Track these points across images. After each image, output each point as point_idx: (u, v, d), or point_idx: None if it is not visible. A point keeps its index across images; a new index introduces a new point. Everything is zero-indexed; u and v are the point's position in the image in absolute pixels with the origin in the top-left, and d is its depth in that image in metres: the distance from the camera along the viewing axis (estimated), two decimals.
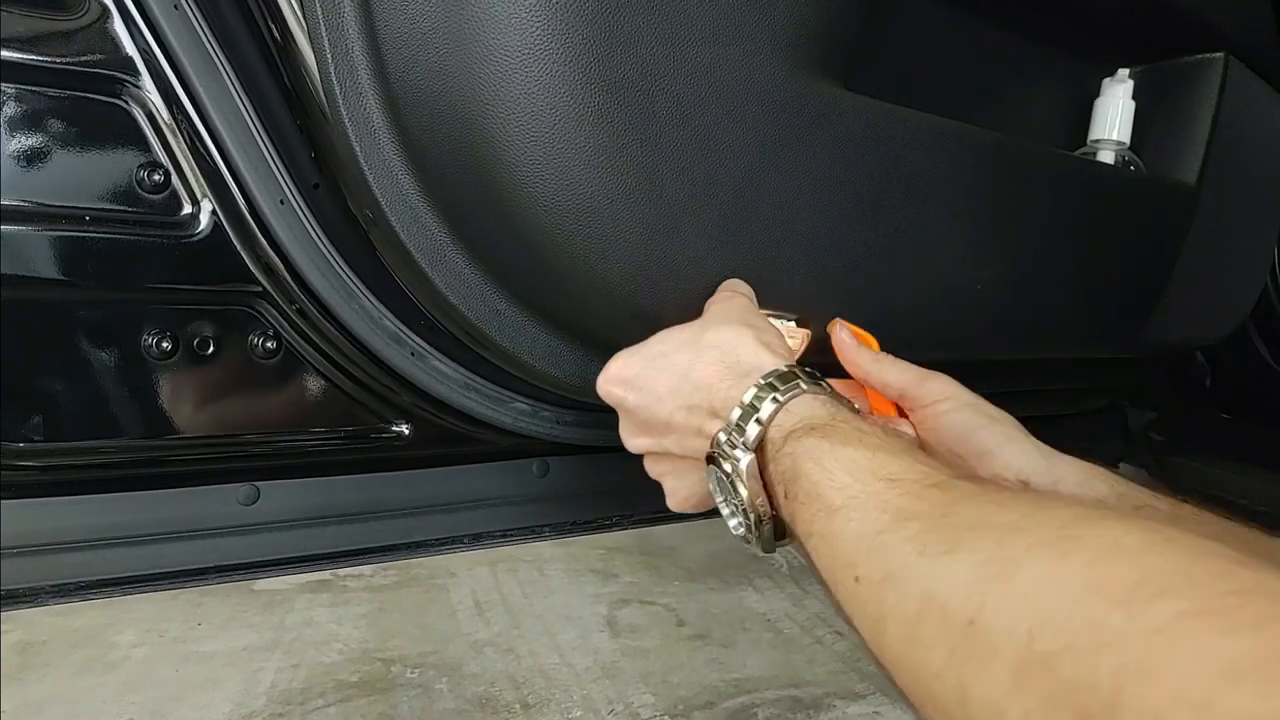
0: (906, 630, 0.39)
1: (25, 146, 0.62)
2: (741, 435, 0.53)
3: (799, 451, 0.50)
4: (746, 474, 0.52)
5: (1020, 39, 0.96)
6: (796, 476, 0.49)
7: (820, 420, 0.51)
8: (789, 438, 0.51)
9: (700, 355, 0.58)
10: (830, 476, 0.47)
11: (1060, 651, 0.32)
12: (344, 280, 0.71)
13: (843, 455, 0.48)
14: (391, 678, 1.89)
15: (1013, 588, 0.35)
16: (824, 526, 0.46)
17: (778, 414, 0.52)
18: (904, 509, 0.43)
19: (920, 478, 0.44)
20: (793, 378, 0.54)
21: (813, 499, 0.47)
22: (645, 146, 0.59)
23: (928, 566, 0.39)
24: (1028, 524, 0.38)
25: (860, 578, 0.43)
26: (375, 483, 0.81)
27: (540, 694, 1.74)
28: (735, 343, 0.58)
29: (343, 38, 0.58)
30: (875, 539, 0.42)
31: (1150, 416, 1.61)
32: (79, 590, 0.70)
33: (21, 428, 0.65)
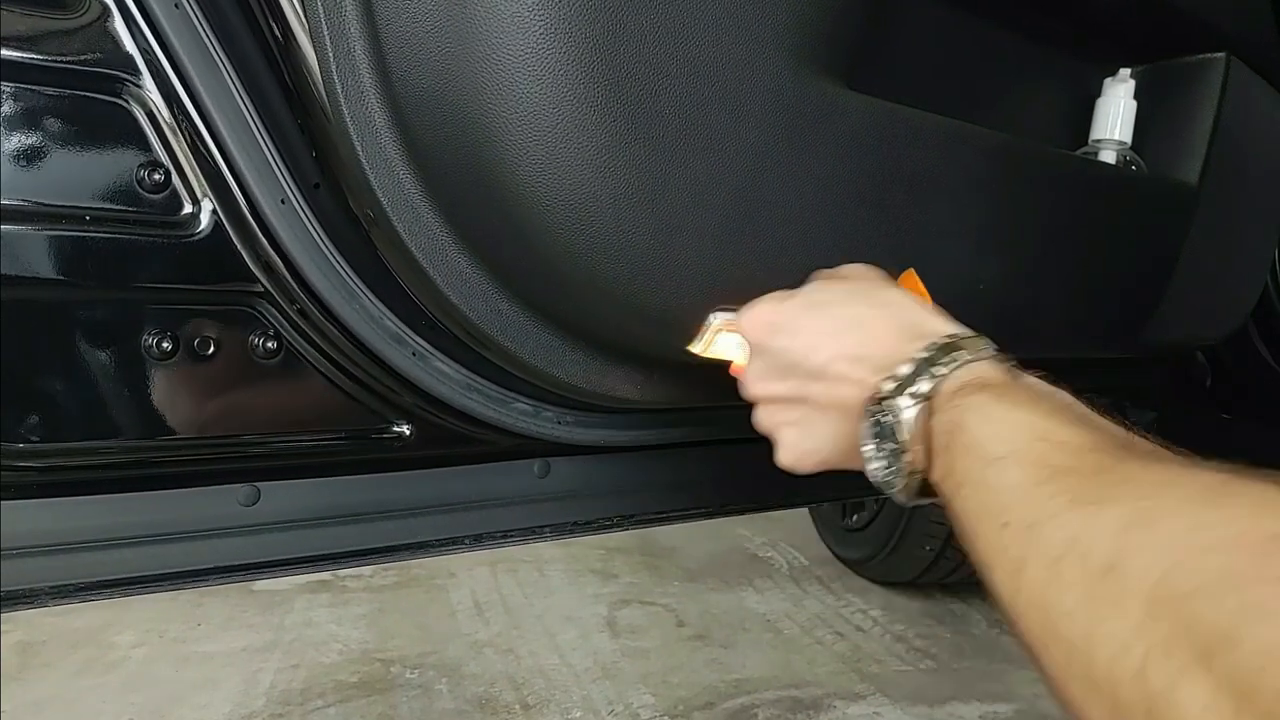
0: (1045, 572, 0.40)
1: (25, 146, 0.62)
2: (912, 387, 0.53)
3: (966, 405, 0.50)
4: (912, 421, 0.52)
5: (1022, 39, 0.96)
6: (961, 428, 0.49)
7: (995, 380, 0.51)
8: (959, 392, 0.51)
9: (874, 310, 0.58)
10: (996, 431, 0.47)
11: (1190, 593, 0.33)
12: (345, 280, 0.71)
13: (1011, 414, 0.48)
14: (391, 678, 1.89)
15: (1155, 535, 0.36)
16: (979, 475, 0.46)
17: (955, 371, 0.53)
18: (1063, 466, 0.43)
19: (1084, 442, 0.44)
20: (976, 342, 0.55)
21: (972, 450, 0.48)
22: (648, 146, 0.59)
23: (1077, 515, 0.40)
24: (1182, 479, 0.39)
25: (1009, 523, 0.43)
26: (376, 483, 0.81)
27: (540, 694, 1.74)
28: (910, 305, 0.59)
29: (344, 36, 0.58)
30: (1030, 490, 0.43)
31: (1150, 416, 1.60)
32: (79, 591, 0.70)
33: (21, 428, 0.64)
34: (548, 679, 1.77)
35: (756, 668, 1.91)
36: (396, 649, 1.89)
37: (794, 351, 0.59)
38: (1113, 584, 0.36)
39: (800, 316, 0.60)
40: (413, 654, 1.86)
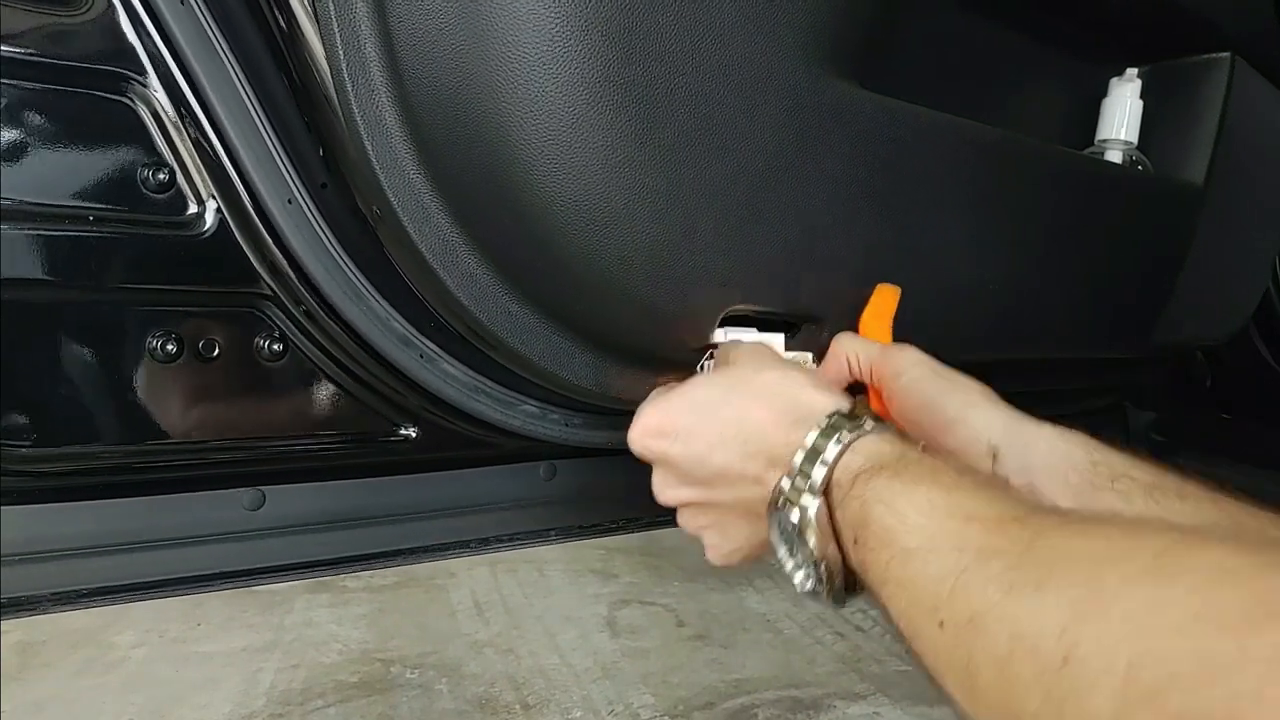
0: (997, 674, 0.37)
1: (28, 145, 0.61)
2: (807, 480, 0.50)
3: (868, 494, 0.48)
4: (815, 522, 0.50)
5: (1029, 39, 0.95)
6: (866, 521, 0.47)
7: (889, 458, 0.49)
8: (857, 480, 0.49)
9: (753, 400, 0.56)
10: (903, 519, 0.45)
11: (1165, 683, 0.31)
12: (352, 281, 0.71)
13: (915, 495, 0.46)
14: (391, 678, 1.88)
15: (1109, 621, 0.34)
16: (900, 572, 0.44)
17: (844, 455, 0.50)
18: (985, 546, 0.41)
19: (999, 513, 0.42)
20: (857, 416, 0.52)
21: (885, 544, 0.45)
22: (662, 146, 0.58)
23: (1015, 606, 0.37)
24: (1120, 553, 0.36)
25: (944, 622, 0.41)
26: (382, 487, 0.80)
27: (540, 694, 1.74)
28: (788, 385, 0.56)
29: (355, 33, 0.58)
30: (957, 580, 0.41)
31: (1151, 416, 1.61)
32: (81, 597, 0.69)
33: (25, 432, 0.64)
34: (548, 679, 1.76)
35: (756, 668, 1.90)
36: (396, 649, 1.87)
37: (690, 458, 0.57)
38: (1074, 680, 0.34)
39: (686, 420, 0.57)
40: (413, 654, 1.85)
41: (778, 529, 0.53)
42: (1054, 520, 0.41)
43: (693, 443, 0.57)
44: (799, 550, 0.52)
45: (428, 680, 1.80)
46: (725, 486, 0.57)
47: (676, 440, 0.57)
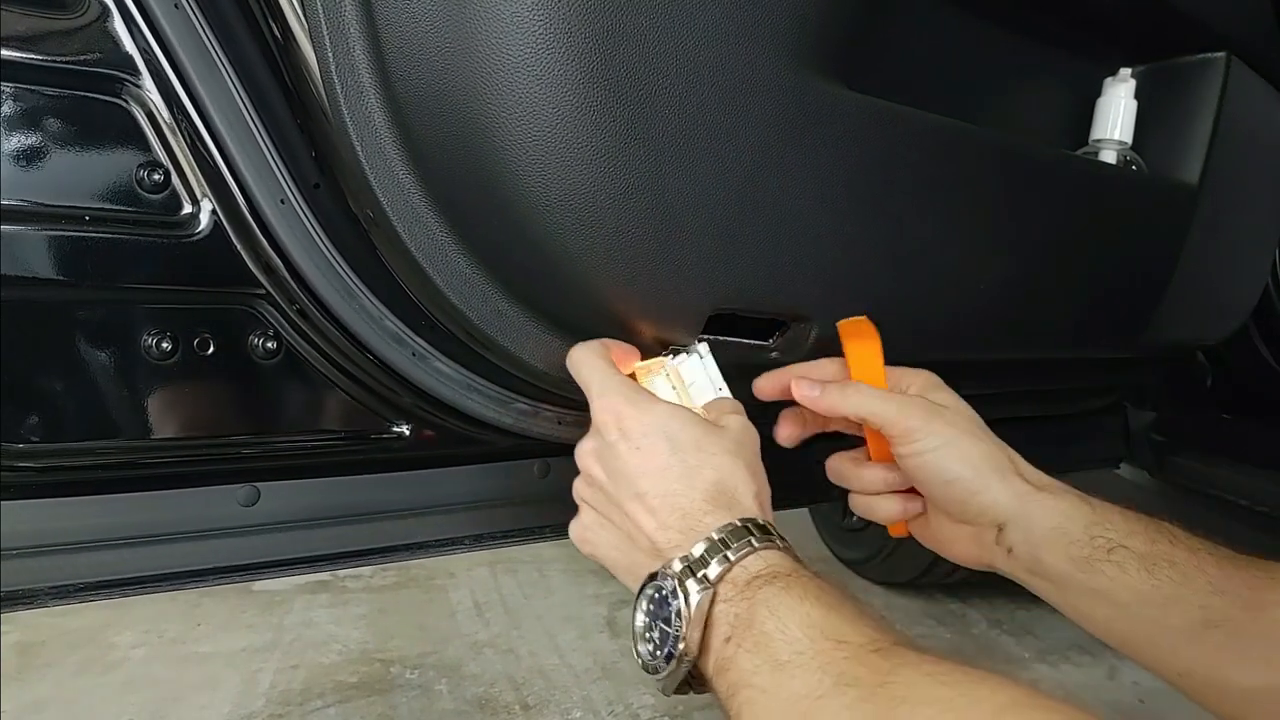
0: None
1: (25, 146, 0.62)
2: (703, 568, 0.52)
3: (758, 598, 0.50)
4: (695, 609, 0.51)
5: (1021, 38, 0.96)
6: (750, 624, 0.49)
7: (784, 570, 0.52)
8: (751, 583, 0.51)
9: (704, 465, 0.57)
10: (784, 629, 0.48)
11: None
12: (345, 280, 0.71)
13: (799, 609, 0.48)
14: (391, 678, 1.89)
15: None
16: (765, 680, 0.47)
17: (747, 557, 0.52)
18: (845, 674, 0.44)
19: (866, 641, 0.46)
20: (770, 533, 0.55)
21: (760, 649, 0.48)
22: (647, 146, 0.59)
23: None
24: (962, 703, 0.40)
25: None
26: (376, 483, 0.81)
27: (540, 694, 1.74)
28: (737, 477, 0.58)
29: (344, 36, 0.58)
30: (813, 703, 0.44)
31: (1151, 416, 1.61)
32: (78, 592, 0.70)
33: (21, 428, 0.64)
34: (548, 679, 1.77)
35: None
36: (396, 649, 1.89)
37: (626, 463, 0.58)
38: None
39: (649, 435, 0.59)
40: (412, 654, 1.86)
41: (649, 598, 0.54)
42: (912, 658, 0.44)
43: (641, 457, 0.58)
44: (660, 627, 0.53)
45: (428, 680, 1.80)
46: (635, 506, 0.58)
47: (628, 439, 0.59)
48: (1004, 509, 0.64)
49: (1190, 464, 1.55)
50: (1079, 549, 0.61)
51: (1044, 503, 0.63)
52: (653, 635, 0.53)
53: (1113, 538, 0.61)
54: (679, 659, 0.51)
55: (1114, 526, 0.62)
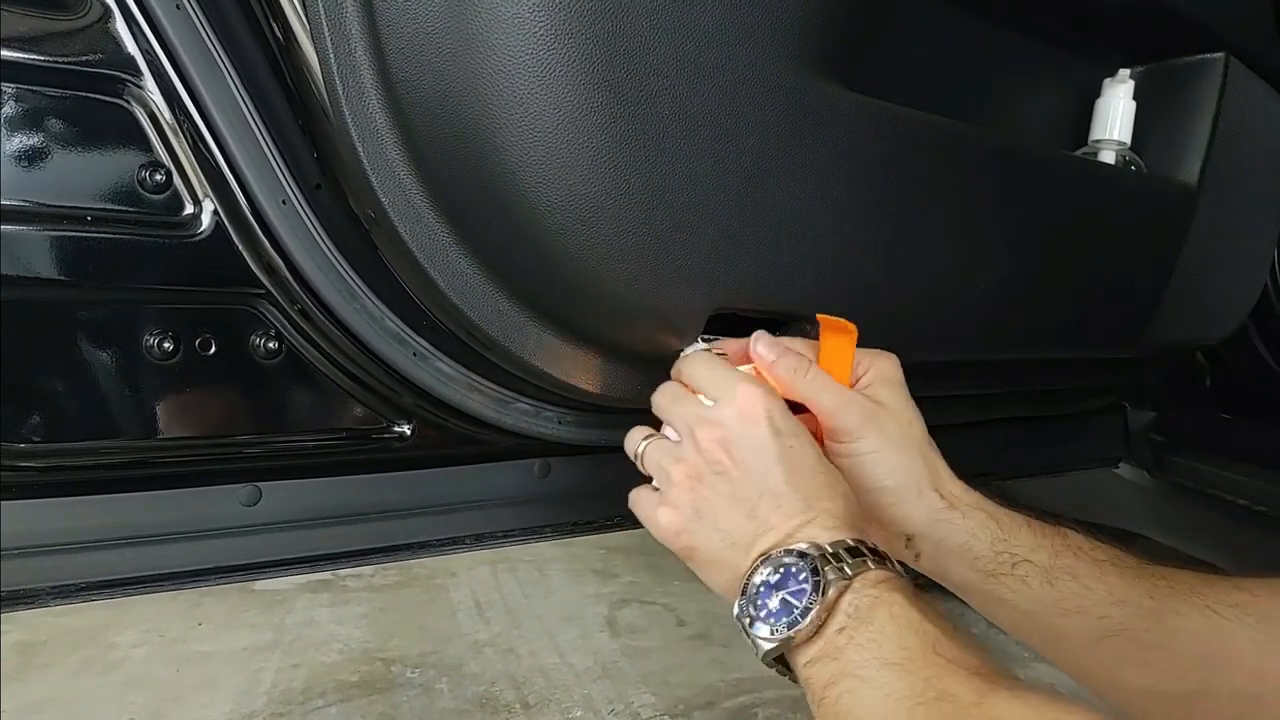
0: None
1: (26, 146, 0.62)
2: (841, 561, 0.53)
3: (884, 599, 0.52)
4: (832, 591, 0.52)
5: (1021, 39, 0.96)
6: (870, 619, 0.51)
7: (909, 588, 0.53)
8: (881, 584, 0.53)
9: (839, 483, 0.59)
10: (901, 634, 0.49)
11: None
12: (346, 281, 0.71)
13: (918, 623, 0.50)
14: (392, 678, 1.89)
15: None
16: (872, 674, 0.48)
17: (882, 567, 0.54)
18: (947, 689, 0.46)
19: (973, 665, 0.48)
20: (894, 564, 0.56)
21: (874, 645, 0.49)
22: (648, 147, 0.59)
23: None
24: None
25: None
26: (377, 483, 0.81)
27: (540, 694, 1.74)
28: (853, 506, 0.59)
29: (345, 38, 0.58)
30: (913, 706, 0.46)
31: (1150, 416, 1.61)
32: (79, 591, 0.70)
33: (22, 428, 0.64)
34: (548, 678, 1.77)
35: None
36: (397, 649, 1.89)
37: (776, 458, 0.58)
38: None
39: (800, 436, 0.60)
40: (413, 653, 1.86)
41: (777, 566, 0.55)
42: (1011, 686, 0.46)
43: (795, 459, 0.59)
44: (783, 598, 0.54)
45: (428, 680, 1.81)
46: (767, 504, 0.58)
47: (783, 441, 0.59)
48: (915, 524, 0.66)
49: (1190, 464, 1.55)
50: (984, 564, 0.65)
51: (953, 522, 0.66)
52: (768, 603, 0.54)
53: (1017, 553, 0.64)
54: (798, 631, 0.52)
55: (1020, 542, 0.65)
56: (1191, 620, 0.60)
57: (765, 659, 0.54)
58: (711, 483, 0.60)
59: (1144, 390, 1.60)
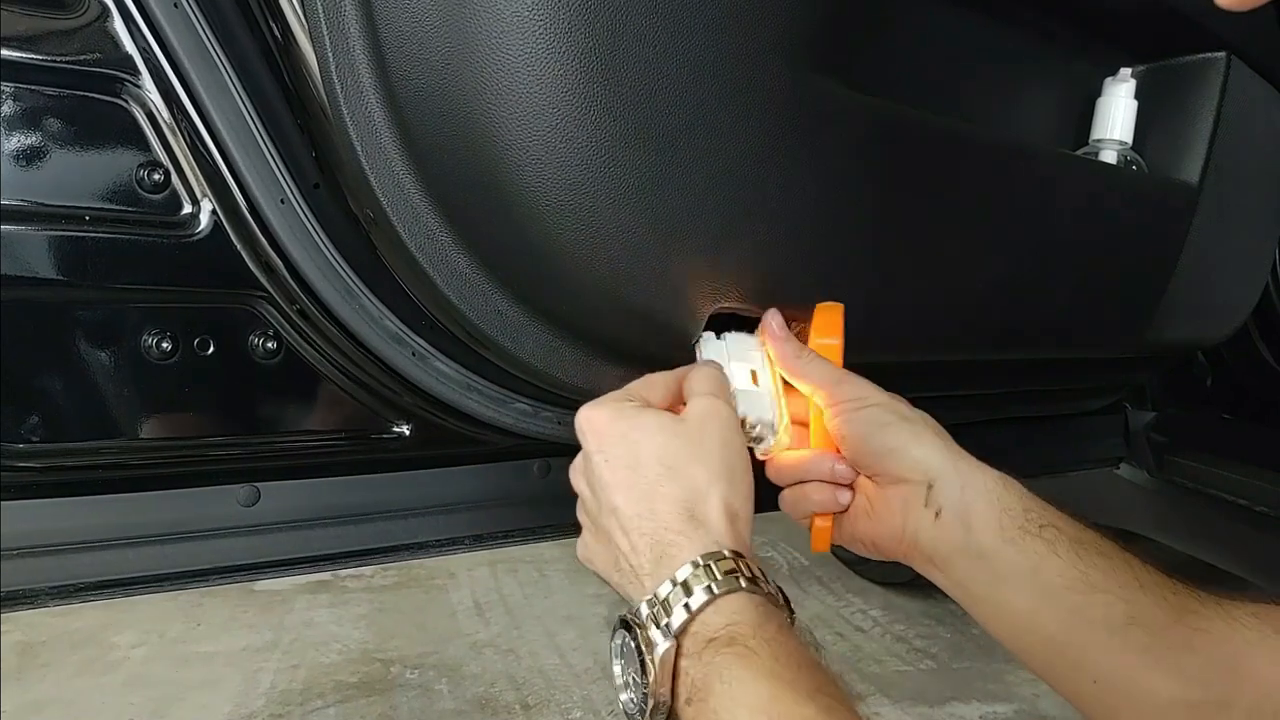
0: None
1: (24, 146, 0.62)
2: (667, 616, 0.52)
3: (714, 664, 0.50)
4: (660, 661, 0.51)
5: (1022, 38, 0.96)
6: (706, 694, 0.49)
7: (745, 629, 0.51)
8: (710, 644, 0.51)
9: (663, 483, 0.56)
10: (733, 707, 0.48)
11: None
12: (345, 280, 0.71)
13: (751, 687, 0.48)
14: (391, 678, 1.89)
15: None
16: None
17: (707, 608, 0.52)
18: None
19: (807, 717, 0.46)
20: (734, 569, 0.53)
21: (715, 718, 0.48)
22: (647, 146, 0.59)
23: None
24: None
25: None
26: (376, 483, 0.81)
27: (540, 694, 1.74)
28: (700, 488, 0.57)
29: (344, 36, 0.58)
30: None
31: (1150, 416, 1.61)
32: (79, 591, 0.70)
33: (21, 428, 0.64)
34: (548, 679, 1.77)
35: None
36: (396, 649, 1.89)
37: (599, 476, 0.58)
38: None
39: (615, 444, 0.58)
40: (413, 654, 1.86)
41: (621, 643, 0.54)
42: None
43: (614, 470, 0.58)
44: (631, 673, 0.53)
45: (428, 680, 1.81)
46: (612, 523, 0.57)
47: (604, 453, 0.59)
48: (936, 466, 0.62)
49: (1190, 464, 1.55)
50: (1011, 518, 0.60)
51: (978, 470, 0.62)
52: (630, 679, 0.53)
53: (1045, 518, 0.60)
54: (652, 712, 0.51)
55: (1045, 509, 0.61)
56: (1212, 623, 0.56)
57: None
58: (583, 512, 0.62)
59: (1144, 390, 1.60)
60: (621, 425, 0.59)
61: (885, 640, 2.11)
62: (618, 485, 0.57)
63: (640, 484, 0.56)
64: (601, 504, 0.58)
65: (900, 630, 2.17)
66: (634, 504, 0.56)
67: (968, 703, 1.84)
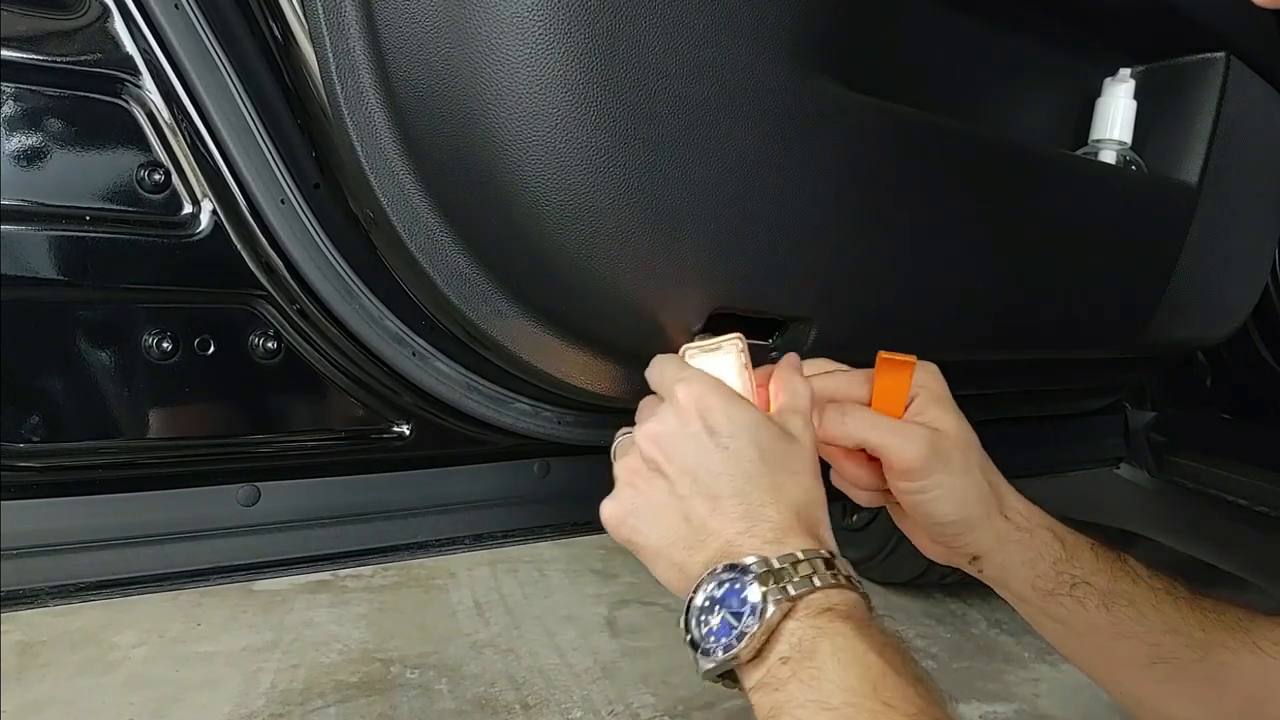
0: None
1: (25, 146, 0.62)
2: (785, 580, 0.51)
3: (828, 631, 0.50)
4: (771, 615, 0.50)
5: (1022, 38, 0.96)
6: (813, 654, 0.49)
7: (861, 614, 0.52)
8: (826, 612, 0.51)
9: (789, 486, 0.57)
10: (842, 674, 0.48)
11: None
12: (345, 280, 0.71)
13: (863, 659, 0.49)
14: (391, 678, 1.89)
15: None
16: (810, 716, 0.48)
17: (830, 589, 0.52)
18: None
19: (913, 711, 0.47)
20: (852, 577, 0.55)
21: (815, 684, 0.48)
22: (646, 146, 0.59)
23: None
24: None
25: None
26: (376, 483, 0.81)
27: (540, 694, 1.74)
28: (817, 503, 0.58)
29: (344, 37, 0.58)
30: None
31: (1150, 416, 1.61)
32: (79, 591, 0.70)
33: (21, 428, 0.64)
34: (548, 679, 1.77)
35: None
36: (396, 649, 1.89)
37: (708, 460, 0.56)
38: None
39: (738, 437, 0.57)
40: (413, 654, 1.86)
41: (721, 581, 0.53)
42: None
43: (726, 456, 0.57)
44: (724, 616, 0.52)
45: (428, 680, 1.81)
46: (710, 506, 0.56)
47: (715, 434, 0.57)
48: (983, 547, 0.66)
49: (1190, 464, 1.55)
50: (1044, 582, 0.65)
51: (1020, 542, 0.66)
52: (710, 620, 0.53)
53: (1078, 575, 0.65)
54: (734, 655, 0.51)
55: (1082, 564, 0.66)
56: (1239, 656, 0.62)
57: (706, 678, 0.53)
58: (649, 480, 0.59)
59: (1144, 390, 1.60)
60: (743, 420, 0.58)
61: None
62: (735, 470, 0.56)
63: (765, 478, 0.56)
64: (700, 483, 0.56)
65: (900, 630, 2.17)
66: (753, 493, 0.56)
67: (968, 702, 1.84)
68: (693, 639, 0.54)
